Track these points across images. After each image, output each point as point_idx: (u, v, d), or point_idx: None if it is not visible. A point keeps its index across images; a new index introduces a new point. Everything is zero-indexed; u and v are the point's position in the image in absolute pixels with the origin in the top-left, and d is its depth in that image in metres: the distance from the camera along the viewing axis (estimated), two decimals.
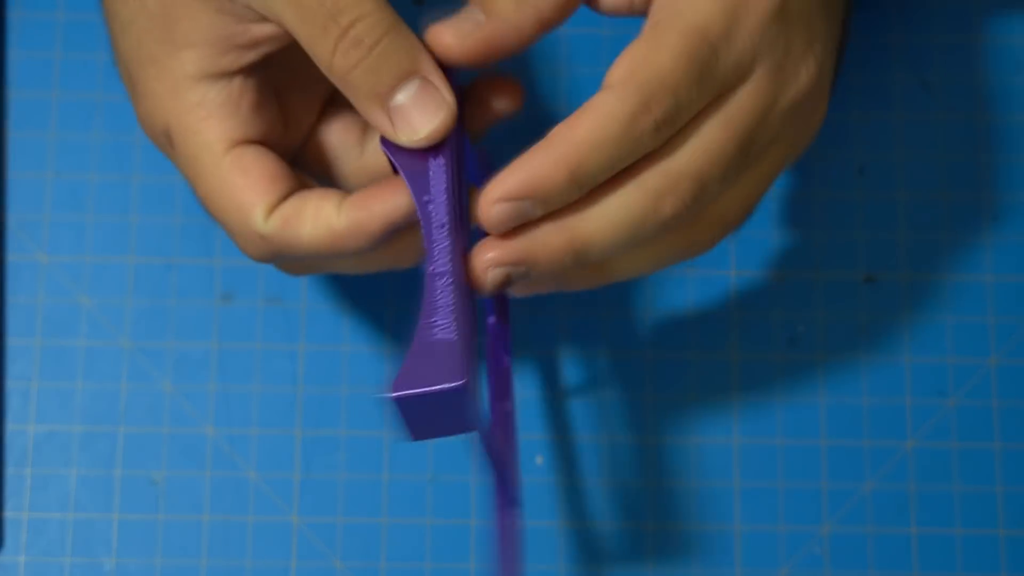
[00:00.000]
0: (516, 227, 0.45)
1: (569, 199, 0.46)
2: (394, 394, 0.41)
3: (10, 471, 0.57)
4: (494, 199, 0.45)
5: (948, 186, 0.61)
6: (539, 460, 0.58)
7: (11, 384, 0.58)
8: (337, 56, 0.46)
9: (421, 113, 0.46)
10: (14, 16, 0.61)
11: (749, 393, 0.59)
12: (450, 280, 0.44)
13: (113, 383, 0.59)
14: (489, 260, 0.46)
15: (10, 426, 0.58)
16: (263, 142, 0.48)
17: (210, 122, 0.47)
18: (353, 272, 0.50)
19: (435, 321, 0.43)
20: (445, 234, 0.45)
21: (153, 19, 0.46)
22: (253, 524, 0.57)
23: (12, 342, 0.58)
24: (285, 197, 0.47)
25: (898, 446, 0.59)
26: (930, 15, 0.62)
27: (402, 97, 0.46)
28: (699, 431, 0.59)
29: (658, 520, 0.58)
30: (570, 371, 0.60)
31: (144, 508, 0.58)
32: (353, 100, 0.46)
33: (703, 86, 0.46)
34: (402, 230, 0.47)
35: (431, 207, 0.45)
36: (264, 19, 0.46)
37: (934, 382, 0.60)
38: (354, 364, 0.59)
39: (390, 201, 0.46)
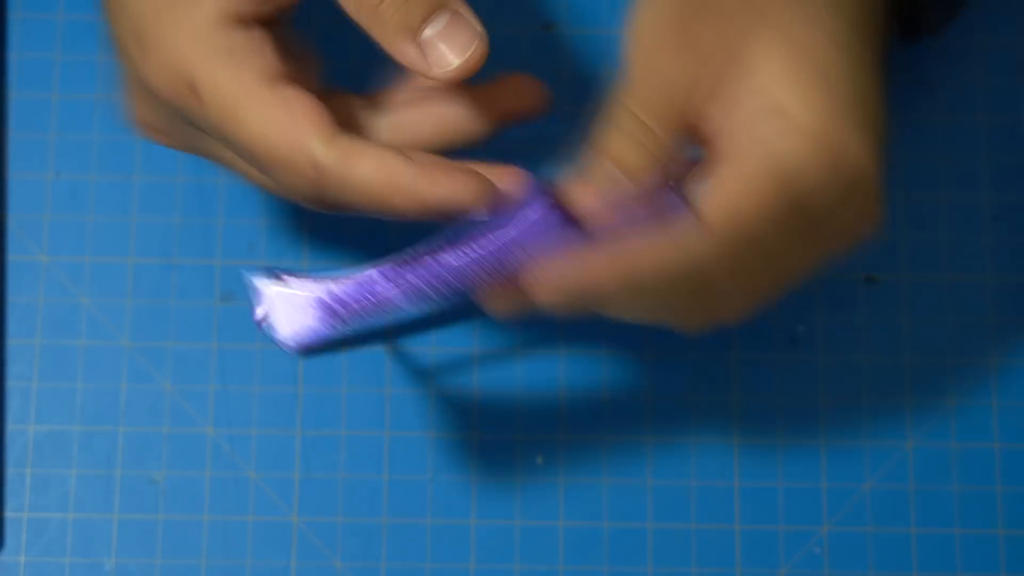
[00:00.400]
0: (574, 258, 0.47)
1: (618, 301, 0.48)
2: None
3: (10, 471, 0.57)
4: (551, 284, 0.46)
5: (948, 186, 0.61)
6: (539, 460, 0.58)
7: (11, 384, 0.58)
8: None
9: (453, 44, 0.47)
10: (14, 16, 0.61)
11: (749, 393, 0.59)
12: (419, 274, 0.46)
13: (113, 383, 0.59)
14: (557, 280, 0.46)
15: (10, 426, 0.58)
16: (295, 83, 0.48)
17: (242, 64, 0.46)
18: (391, 215, 0.49)
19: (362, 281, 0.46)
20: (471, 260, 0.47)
21: None
22: (253, 524, 0.57)
23: (12, 342, 0.58)
24: (336, 134, 0.47)
25: (898, 446, 0.59)
26: None
27: (432, 31, 0.46)
28: (699, 431, 0.59)
29: (658, 520, 0.58)
30: (570, 371, 0.60)
31: (144, 508, 0.58)
32: (381, 37, 0.46)
33: (783, 235, 0.48)
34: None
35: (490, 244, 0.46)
36: None
37: (934, 382, 0.60)
38: (354, 364, 0.59)
39: (461, 189, 0.46)
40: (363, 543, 0.57)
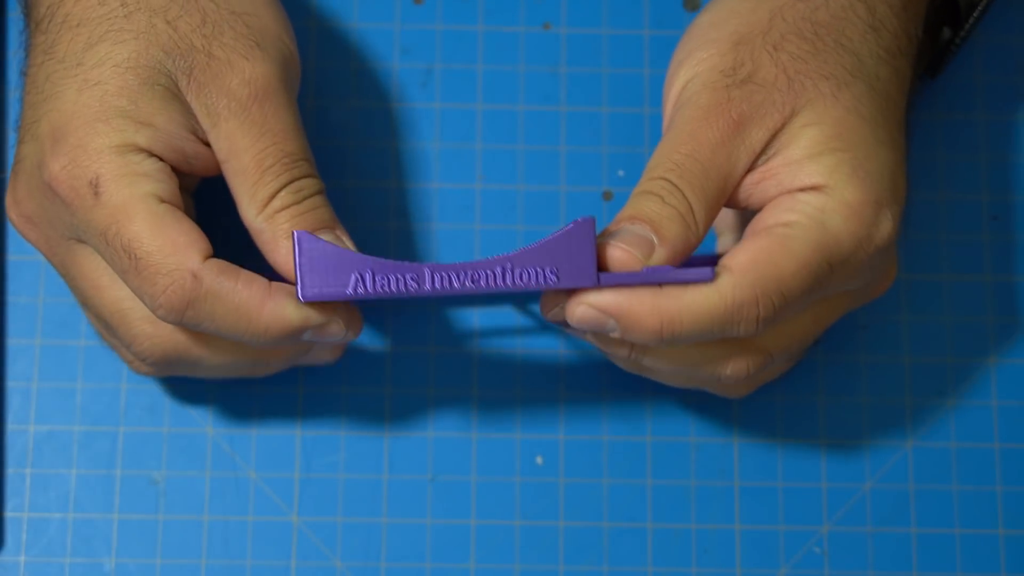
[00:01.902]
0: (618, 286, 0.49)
1: (645, 342, 0.49)
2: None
3: (10, 471, 0.57)
4: (587, 301, 0.48)
5: (948, 186, 0.61)
6: (539, 460, 0.58)
7: (11, 384, 0.58)
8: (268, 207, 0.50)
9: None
10: (14, 17, 0.60)
11: (749, 394, 0.58)
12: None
13: (113, 383, 0.58)
14: (590, 300, 0.48)
15: (10, 426, 0.58)
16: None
17: (148, 179, 0.49)
18: (237, 362, 0.52)
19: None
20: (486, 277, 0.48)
21: (120, 85, 0.49)
22: (253, 524, 0.57)
23: (12, 342, 0.58)
24: (214, 257, 0.49)
25: (898, 446, 0.59)
26: None
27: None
28: (699, 431, 0.59)
29: (658, 520, 0.58)
30: (570, 371, 0.59)
31: (144, 508, 0.58)
32: (264, 236, 0.50)
33: (811, 297, 0.50)
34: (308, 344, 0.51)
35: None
36: (206, 144, 0.50)
37: (934, 382, 0.60)
38: (354, 364, 0.59)
39: (327, 316, 0.49)
40: (363, 543, 0.57)
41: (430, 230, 0.60)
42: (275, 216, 0.49)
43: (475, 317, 0.59)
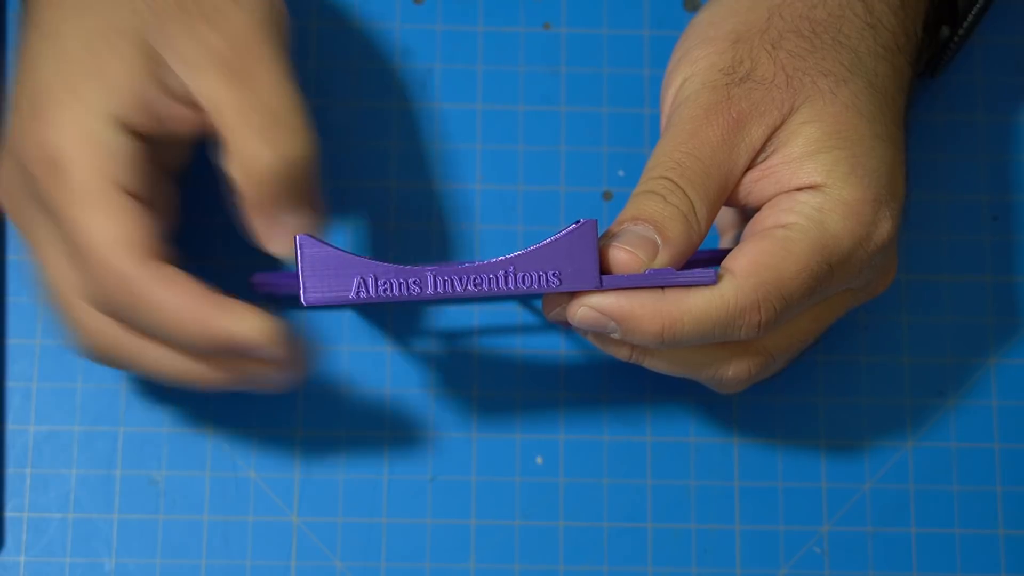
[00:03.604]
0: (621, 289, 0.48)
1: (646, 344, 0.49)
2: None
3: (10, 471, 0.57)
4: (588, 303, 0.48)
5: (948, 186, 0.61)
6: (539, 460, 0.58)
7: (11, 384, 0.58)
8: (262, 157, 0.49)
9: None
10: (14, 16, 0.60)
11: (749, 393, 0.58)
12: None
13: (113, 383, 0.58)
14: (591, 302, 0.48)
15: (10, 426, 0.57)
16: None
17: (111, 162, 0.48)
18: (168, 370, 0.50)
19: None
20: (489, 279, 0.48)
21: (88, 51, 0.48)
22: (253, 524, 0.57)
23: (12, 342, 0.58)
24: (157, 256, 0.48)
25: (898, 446, 0.59)
26: None
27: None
28: (699, 432, 0.59)
29: (658, 520, 0.58)
30: (571, 371, 0.59)
31: (144, 508, 0.58)
32: (249, 200, 0.49)
33: (812, 298, 0.50)
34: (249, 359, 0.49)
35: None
36: (187, 102, 0.49)
37: (934, 382, 0.60)
38: (355, 363, 0.59)
39: (256, 325, 0.48)
40: (363, 543, 0.57)
41: (430, 231, 0.60)
42: (259, 181, 0.49)
43: (475, 316, 0.59)
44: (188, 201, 0.59)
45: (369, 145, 0.60)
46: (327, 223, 0.51)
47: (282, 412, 0.58)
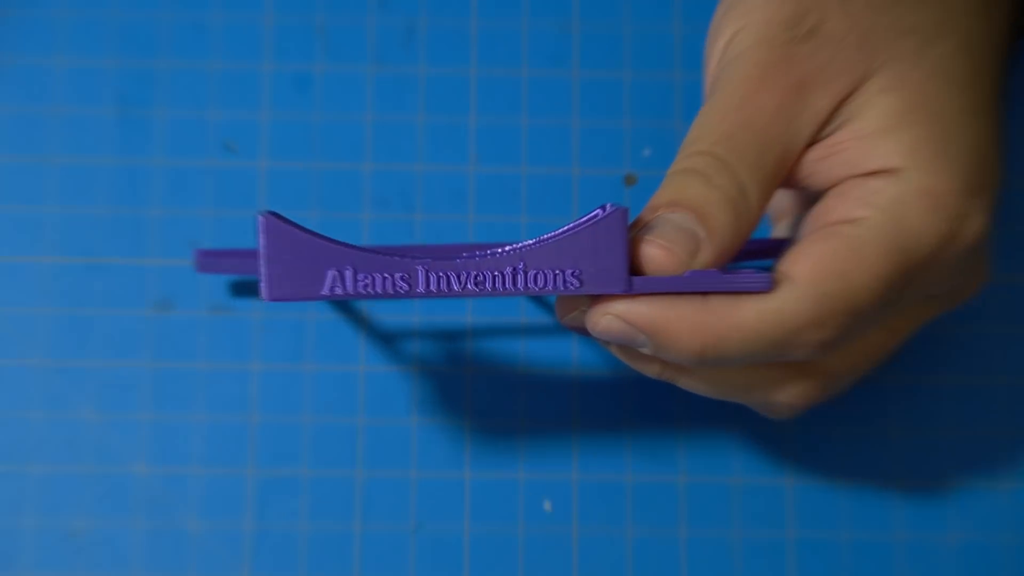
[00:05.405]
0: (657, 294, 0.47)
1: (683, 362, 0.47)
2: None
3: None
4: (614, 311, 0.46)
5: None
6: (547, 506, 0.56)
7: None
8: None
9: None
10: None
11: (806, 421, 0.57)
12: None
13: (23, 411, 0.56)
14: (617, 310, 0.46)
15: None
16: None
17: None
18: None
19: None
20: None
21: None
22: None
23: None
24: None
25: (991, 489, 0.57)
26: None
27: None
28: (745, 470, 0.57)
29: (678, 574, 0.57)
30: (586, 391, 0.57)
31: (59, 566, 0.55)
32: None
33: (885, 311, 0.48)
34: None
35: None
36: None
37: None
38: (318, 387, 0.57)
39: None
40: None
41: (412, 223, 0.58)
42: None
43: (467, 315, 0.58)
44: (116, 188, 0.59)
45: (338, 119, 0.59)
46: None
47: (230, 446, 0.56)
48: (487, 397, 0.57)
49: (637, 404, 0.57)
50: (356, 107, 0.59)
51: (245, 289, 0.57)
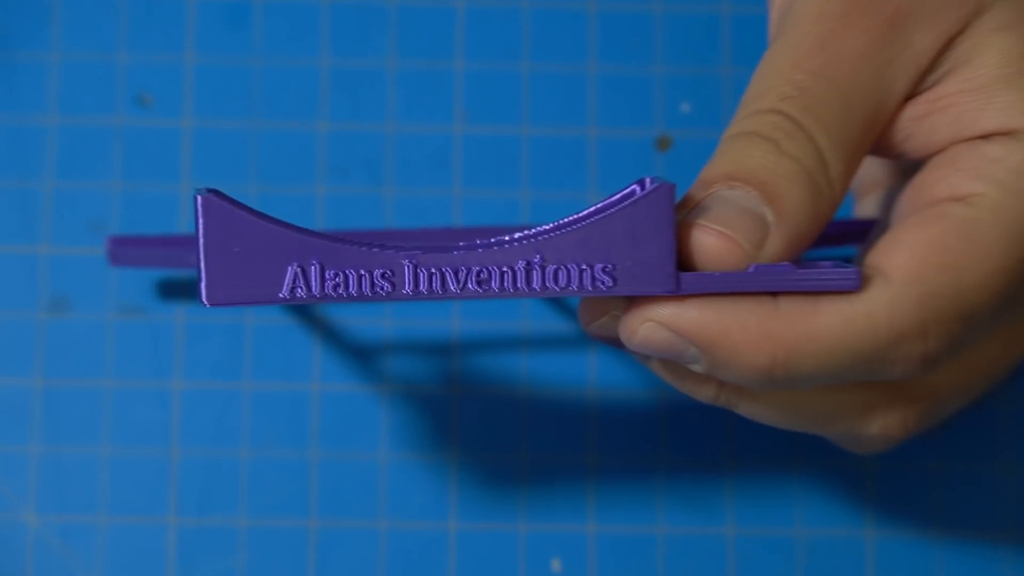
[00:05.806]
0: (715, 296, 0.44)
1: (745, 382, 0.43)
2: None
3: None
4: (657, 317, 0.43)
5: None
6: (556, 565, 0.51)
7: None
8: None
9: None
10: None
11: (894, 457, 0.52)
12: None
13: None
14: (661, 316, 0.43)
15: None
16: None
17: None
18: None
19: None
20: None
21: None
22: None
23: None
24: None
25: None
26: None
27: None
28: (811, 520, 0.52)
29: None
30: (607, 419, 0.51)
31: None
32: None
33: (1003, 317, 0.45)
34: None
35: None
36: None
37: None
38: (260, 412, 0.52)
39: None
40: None
41: (380, 199, 0.53)
42: None
43: (454, 319, 0.53)
44: None
45: (291, 65, 0.54)
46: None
47: (146, 489, 0.50)
48: (479, 426, 0.53)
49: (672, 436, 0.53)
50: (307, 48, 0.54)
51: (168, 287, 0.53)
